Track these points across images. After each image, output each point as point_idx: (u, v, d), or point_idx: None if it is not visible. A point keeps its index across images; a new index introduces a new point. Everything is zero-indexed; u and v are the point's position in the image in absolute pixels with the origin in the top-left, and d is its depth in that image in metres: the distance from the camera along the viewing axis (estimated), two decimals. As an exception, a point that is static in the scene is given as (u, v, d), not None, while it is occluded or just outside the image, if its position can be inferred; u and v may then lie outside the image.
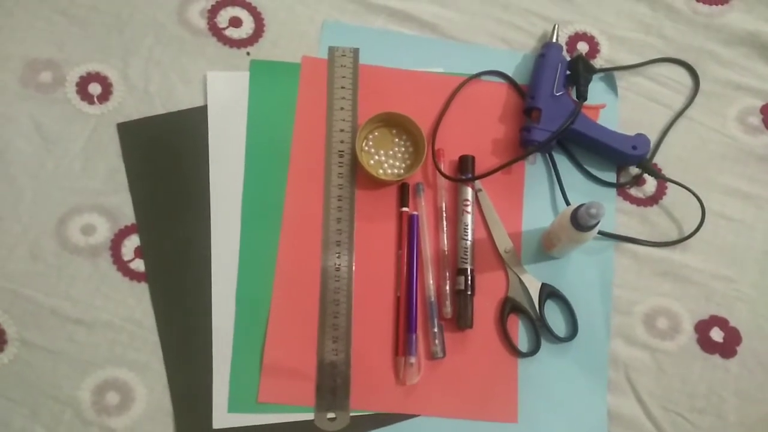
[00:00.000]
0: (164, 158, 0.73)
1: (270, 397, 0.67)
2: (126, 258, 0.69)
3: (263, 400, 0.66)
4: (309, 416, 0.66)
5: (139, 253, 0.70)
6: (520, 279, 0.72)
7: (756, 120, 0.79)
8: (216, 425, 0.65)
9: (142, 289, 0.69)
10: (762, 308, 0.73)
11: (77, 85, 0.74)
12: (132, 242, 0.70)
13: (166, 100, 0.74)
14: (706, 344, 0.72)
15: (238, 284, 0.69)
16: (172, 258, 0.70)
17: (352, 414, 0.67)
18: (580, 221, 0.61)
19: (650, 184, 0.77)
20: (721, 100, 0.80)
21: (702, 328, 0.72)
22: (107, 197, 0.71)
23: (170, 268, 0.69)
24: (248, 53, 0.77)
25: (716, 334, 0.72)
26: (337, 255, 0.71)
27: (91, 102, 0.74)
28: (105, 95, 0.74)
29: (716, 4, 0.83)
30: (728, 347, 0.72)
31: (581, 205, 0.61)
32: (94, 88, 0.74)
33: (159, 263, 0.69)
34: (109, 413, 0.65)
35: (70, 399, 0.65)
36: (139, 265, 0.69)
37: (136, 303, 0.68)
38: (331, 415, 0.67)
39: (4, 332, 0.66)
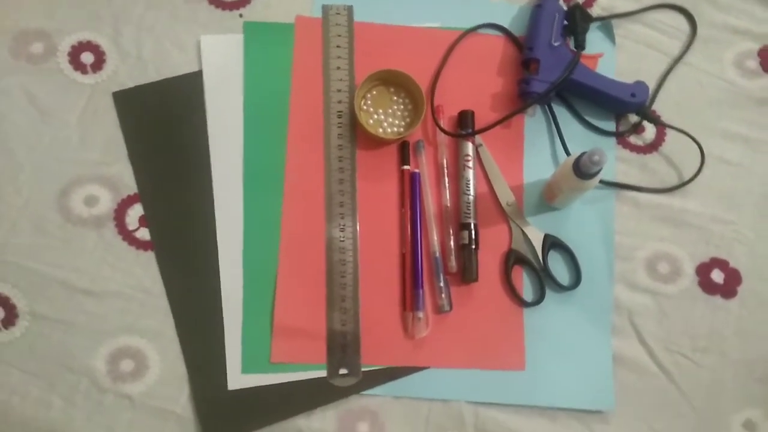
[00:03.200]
0: (162, 125, 0.72)
1: (282, 357, 0.68)
2: (131, 227, 0.70)
3: (276, 360, 0.68)
4: (322, 373, 0.68)
5: (143, 221, 0.70)
6: (523, 231, 0.73)
7: (753, 63, 0.79)
8: (231, 386, 0.67)
9: (149, 258, 0.69)
10: (761, 249, 0.74)
11: (69, 54, 0.73)
12: (135, 211, 0.70)
13: (161, 66, 0.73)
14: (707, 286, 0.73)
15: (244, 248, 0.70)
16: (177, 225, 0.70)
17: (363, 369, 0.68)
18: (583, 169, 0.61)
19: (649, 131, 0.77)
20: (718, 45, 0.80)
21: (703, 270, 0.73)
22: (108, 167, 0.71)
23: (176, 235, 0.70)
24: (241, 15, 0.76)
25: (717, 276, 0.73)
26: (341, 215, 0.72)
27: (84, 72, 0.73)
28: (98, 64, 0.73)
29: (712, -53, 0.82)
30: (729, 288, 0.73)
31: (583, 153, 0.61)
32: (87, 57, 0.73)
33: (164, 231, 0.70)
34: (124, 380, 0.66)
35: (85, 368, 0.66)
36: (144, 233, 0.69)
37: (143, 271, 0.69)
38: (343, 371, 0.68)
39: (14, 306, 0.67)
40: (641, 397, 0.70)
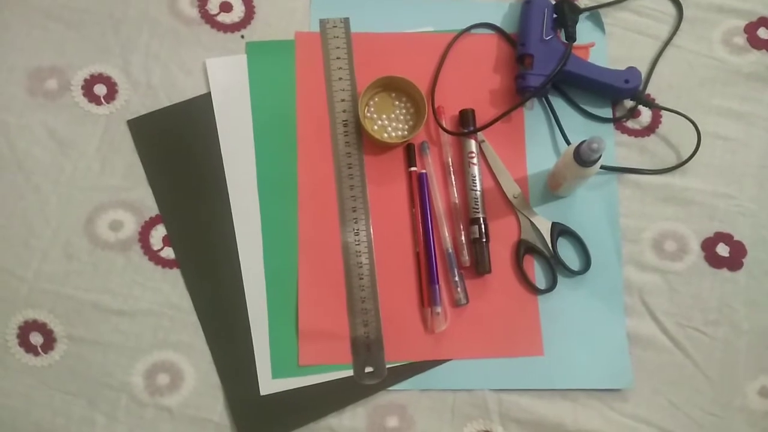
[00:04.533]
0: (177, 148, 0.75)
1: (310, 360, 0.71)
2: (155, 248, 0.73)
3: (304, 363, 0.70)
4: (349, 373, 0.70)
5: (167, 241, 0.73)
6: (530, 221, 0.75)
7: (741, 40, 0.81)
8: (264, 392, 0.70)
9: (175, 275, 0.72)
10: (764, 219, 0.76)
11: (83, 88, 0.76)
12: (159, 232, 0.73)
13: (170, 91, 0.76)
14: (714, 260, 0.75)
15: (264, 258, 0.73)
16: (199, 241, 0.73)
17: (388, 366, 0.71)
18: (583, 157, 0.64)
19: (645, 114, 0.79)
20: (705, 25, 0.82)
21: (708, 245, 0.76)
22: (129, 192, 0.74)
23: (199, 251, 0.73)
24: (242, 36, 0.79)
25: (722, 250, 0.76)
26: (354, 220, 0.74)
27: (98, 103, 0.76)
28: (111, 94, 0.76)
29: (692, -70, 0.84)
30: (735, 260, 0.75)
31: (582, 142, 0.63)
32: (100, 89, 0.76)
33: (187, 248, 0.73)
34: (162, 393, 0.69)
35: (124, 385, 0.69)
36: (169, 252, 0.73)
37: (171, 289, 0.72)
38: (369, 369, 0.71)
39: (51, 331, 0.70)
40: (658, 372, 0.72)
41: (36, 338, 0.70)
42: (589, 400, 0.71)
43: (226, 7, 0.79)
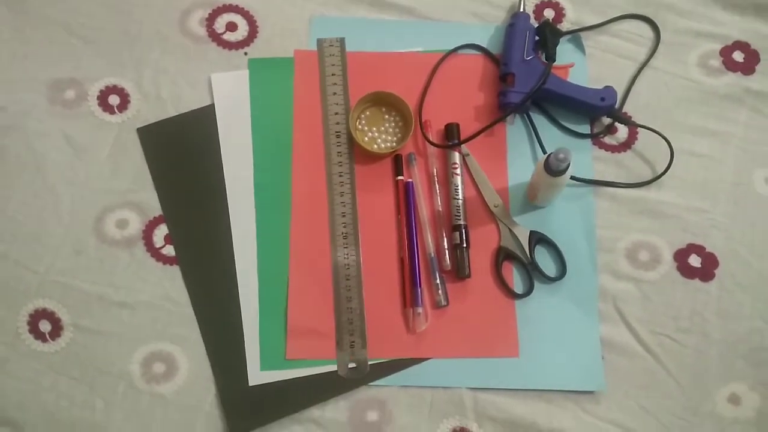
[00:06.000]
0: (182, 155, 0.81)
1: (296, 354, 0.75)
2: (158, 245, 0.78)
3: (291, 357, 0.75)
4: (333, 368, 0.74)
5: (168, 240, 0.78)
6: (510, 230, 0.79)
7: (716, 62, 0.85)
8: (252, 382, 0.74)
9: (175, 272, 0.77)
10: (736, 233, 0.79)
11: (98, 98, 0.82)
12: (161, 231, 0.78)
13: (177, 103, 0.83)
14: (686, 270, 0.78)
15: (258, 259, 0.78)
16: (198, 241, 0.78)
17: (370, 362, 0.75)
18: (552, 167, 0.68)
19: (622, 131, 0.83)
20: (682, 48, 0.86)
21: (680, 256, 0.79)
22: (136, 194, 0.80)
23: (197, 251, 0.78)
24: (246, 53, 0.85)
25: (694, 260, 0.78)
26: (343, 225, 0.79)
27: (111, 112, 0.82)
28: (123, 105, 0.83)
29: (671, -42, 0.89)
30: (707, 271, 0.78)
31: (550, 153, 0.68)
32: (113, 100, 0.83)
33: (187, 247, 0.78)
34: (157, 381, 0.74)
35: (123, 372, 0.74)
36: (169, 250, 0.78)
37: (170, 284, 0.77)
38: (352, 364, 0.75)
39: (59, 320, 0.75)
40: (630, 377, 0.75)
41: (45, 326, 0.75)
42: (562, 401, 0.74)
43: (232, 27, 0.86)
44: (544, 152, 0.81)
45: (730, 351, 0.76)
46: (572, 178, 0.76)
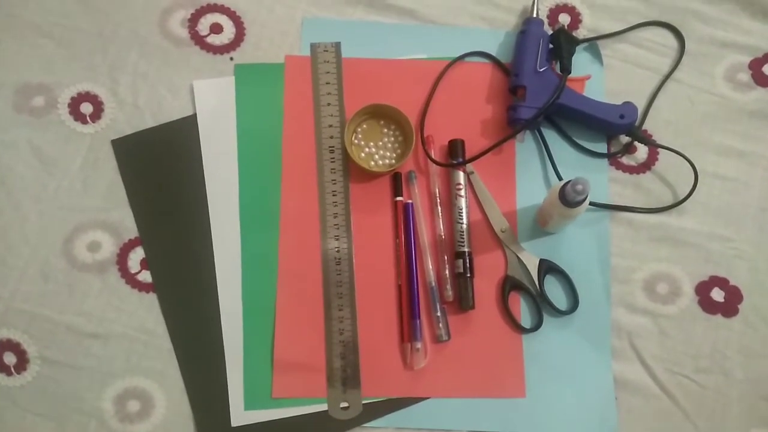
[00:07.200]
0: (160, 170, 0.74)
1: (283, 392, 0.69)
2: (133, 271, 0.72)
3: (277, 396, 0.69)
4: (323, 407, 0.69)
5: (145, 264, 0.72)
6: (518, 257, 0.73)
7: (745, 76, 0.79)
8: (234, 423, 0.68)
9: (151, 300, 0.71)
10: (762, 264, 0.74)
11: (69, 106, 0.76)
12: (137, 255, 0.72)
13: (156, 112, 0.76)
14: (708, 305, 0.72)
15: (242, 286, 0.72)
16: (178, 267, 0.72)
17: (364, 402, 0.69)
18: (568, 198, 0.62)
19: (642, 151, 0.77)
20: (708, 60, 0.79)
21: (702, 289, 0.73)
22: (109, 213, 0.73)
23: (176, 277, 0.72)
24: (232, 58, 0.78)
25: (717, 294, 0.73)
26: (336, 249, 0.73)
27: (84, 121, 0.75)
28: (97, 113, 0.76)
29: (697, -39, 0.82)
30: (730, 306, 0.72)
31: (567, 182, 0.61)
32: (86, 108, 0.76)
33: (165, 273, 0.72)
34: (131, 420, 0.68)
35: (94, 410, 0.69)
36: (146, 276, 0.72)
37: (146, 313, 0.71)
38: (343, 404, 0.69)
39: (25, 352, 0.69)
40: (645, 420, 0.70)
41: (9, 358, 0.69)
42: (571, 447, 0.69)
43: (216, 29, 0.79)
44: (557, 172, 0.75)
45: (753, 392, 0.71)
46: (587, 202, 0.70)
